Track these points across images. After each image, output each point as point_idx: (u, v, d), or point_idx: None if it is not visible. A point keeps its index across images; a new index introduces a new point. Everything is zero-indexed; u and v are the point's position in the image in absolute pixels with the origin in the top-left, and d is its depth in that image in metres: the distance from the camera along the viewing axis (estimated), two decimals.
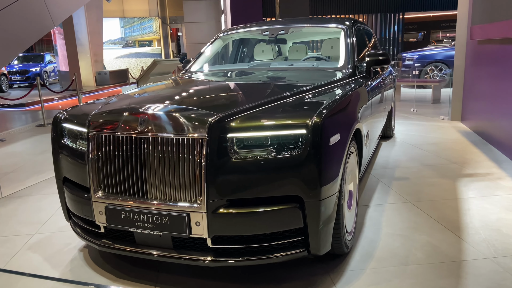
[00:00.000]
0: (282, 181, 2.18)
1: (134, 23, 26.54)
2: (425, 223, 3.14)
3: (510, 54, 4.82)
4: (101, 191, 2.42)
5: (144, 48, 26.79)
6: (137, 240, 2.43)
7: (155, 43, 26.88)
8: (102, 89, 18.11)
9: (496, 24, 4.99)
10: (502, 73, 5.08)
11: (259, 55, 4.24)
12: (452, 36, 21.78)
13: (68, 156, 2.66)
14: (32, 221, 3.50)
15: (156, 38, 26.74)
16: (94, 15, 19.58)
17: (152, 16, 26.45)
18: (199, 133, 2.18)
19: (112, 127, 2.35)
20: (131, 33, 26.64)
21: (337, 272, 2.52)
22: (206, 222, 2.21)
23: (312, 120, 2.17)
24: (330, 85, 2.94)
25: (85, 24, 18.98)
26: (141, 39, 26.77)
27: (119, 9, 25.77)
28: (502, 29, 4.77)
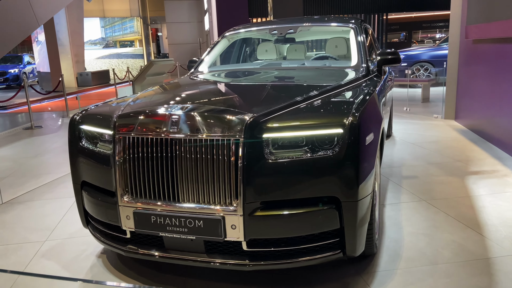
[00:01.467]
0: (318, 181, 2.14)
1: (115, 23, 26.15)
2: (445, 221, 3.15)
3: (510, 52, 4.90)
4: (128, 195, 2.33)
5: (125, 49, 26.42)
6: (166, 245, 2.35)
7: (137, 43, 26.53)
8: (85, 90, 17.74)
9: (495, 24, 5.07)
10: (500, 72, 5.16)
11: (267, 55, 4.19)
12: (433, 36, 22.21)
13: (88, 160, 2.56)
14: (40, 228, 3.37)
15: (138, 39, 26.40)
16: (75, 15, 19.18)
17: (133, 16, 26.11)
18: (235, 134, 2.11)
19: (141, 129, 2.27)
20: (112, 33, 26.24)
21: (369, 273, 2.49)
22: (243, 225, 2.15)
23: (349, 119, 2.14)
24: (351, 84, 2.91)
25: (66, 24, 18.57)
26: (122, 40, 26.40)
27: (99, 9, 25.34)
28: (502, 28, 4.85)
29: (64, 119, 9.45)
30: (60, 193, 4.19)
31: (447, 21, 21.77)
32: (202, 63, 4.10)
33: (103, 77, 20.75)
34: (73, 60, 19.37)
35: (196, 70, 3.99)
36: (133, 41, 26.43)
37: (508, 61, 4.93)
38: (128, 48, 26.47)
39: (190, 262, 2.28)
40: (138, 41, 26.44)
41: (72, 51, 19.19)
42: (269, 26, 4.19)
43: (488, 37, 5.36)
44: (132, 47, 26.46)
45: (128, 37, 26.48)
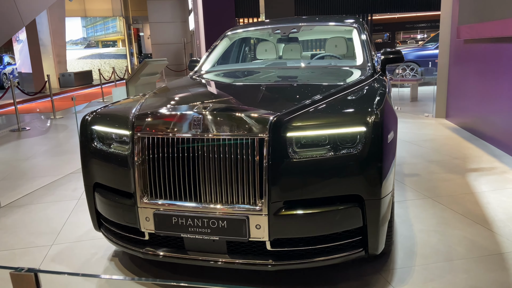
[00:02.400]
0: (342, 180, 2.14)
1: (97, 22, 25.74)
2: (453, 218, 3.20)
3: (502, 52, 5.01)
4: (147, 196, 2.29)
5: (108, 49, 26.03)
6: (186, 246, 2.32)
7: (119, 43, 26.18)
8: (68, 91, 17.42)
9: (489, 24, 5.18)
10: (493, 71, 5.27)
11: (270, 54, 4.17)
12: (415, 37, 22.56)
13: (102, 161, 2.51)
14: (44, 232, 3.28)
15: (121, 38, 26.05)
16: (57, 14, 18.82)
17: (115, 15, 25.75)
18: (259, 133, 2.10)
19: (162, 128, 2.23)
20: (93, 33, 25.82)
21: (387, 271, 2.50)
22: (267, 224, 2.13)
23: (373, 117, 2.14)
24: (363, 83, 2.92)
25: (47, 23, 18.21)
26: (105, 39, 26.01)
27: (81, 8, 24.92)
28: (496, 28, 4.95)
29: (51, 120, 9.26)
30: (60, 196, 4.09)
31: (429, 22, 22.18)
32: (205, 62, 4.06)
33: (86, 77, 20.42)
34: (55, 61, 19.01)
35: (199, 70, 3.96)
36: (115, 41, 26.06)
37: (502, 61, 5.04)
38: (111, 48, 26.09)
39: (212, 263, 2.25)
40: (120, 41, 26.09)
41: (54, 51, 18.83)
42: (271, 26, 4.18)
43: (481, 37, 5.46)
44: (114, 47, 26.09)
45: (111, 37, 26.11)
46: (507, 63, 4.91)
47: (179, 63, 25.74)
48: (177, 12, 27.33)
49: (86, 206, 3.74)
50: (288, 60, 3.95)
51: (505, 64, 4.95)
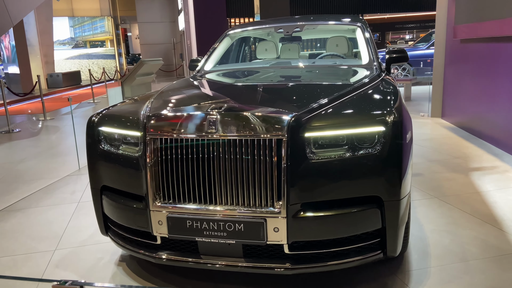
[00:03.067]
0: (361, 181, 2.10)
1: (85, 22, 25.42)
2: (462, 217, 3.18)
3: (501, 51, 5.03)
4: (160, 199, 2.22)
5: (96, 49, 25.73)
6: (201, 250, 2.25)
7: (108, 43, 25.88)
8: (57, 92, 17.16)
9: (486, 23, 5.20)
10: (492, 70, 5.30)
11: (273, 54, 4.12)
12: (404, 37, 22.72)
13: (110, 163, 2.43)
14: (45, 236, 3.18)
15: (109, 39, 25.76)
16: (44, 14, 18.53)
17: (103, 15, 25.46)
18: (277, 133, 2.05)
19: (175, 129, 2.16)
20: (81, 33, 25.50)
21: (403, 273, 2.47)
22: (286, 227, 2.08)
23: (392, 117, 2.11)
24: (374, 83, 2.87)
25: (35, 23, 17.91)
26: (93, 40, 25.70)
27: (68, 8, 24.57)
28: (494, 28, 4.97)
29: (42, 122, 9.08)
30: (58, 199, 3.99)
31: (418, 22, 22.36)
32: (207, 62, 3.99)
33: (74, 78, 20.15)
34: (43, 61, 18.70)
35: (201, 70, 3.88)
36: (103, 41, 25.76)
37: (500, 60, 5.06)
38: (99, 49, 25.79)
39: (229, 267, 2.19)
40: (109, 41, 25.80)
41: (41, 51, 18.53)
42: (273, 25, 4.13)
43: (479, 37, 5.48)
44: (103, 47, 25.79)
45: (99, 37, 25.80)
46: (506, 62, 4.93)
47: (169, 64, 25.53)
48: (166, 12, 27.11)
49: (86, 210, 3.67)
50: (292, 59, 3.91)
51: (504, 63, 4.98)
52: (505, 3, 4.76)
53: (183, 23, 20.19)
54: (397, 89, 2.77)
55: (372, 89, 2.67)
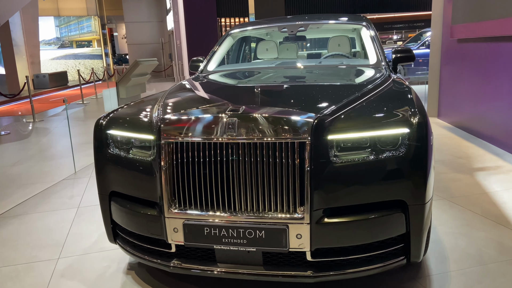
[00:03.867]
0: (386, 185, 2.03)
1: (71, 22, 25.04)
2: (474, 219, 3.14)
3: (501, 50, 5.03)
4: (176, 205, 2.12)
5: (82, 49, 25.36)
6: (218, 258, 2.16)
7: (95, 43, 25.53)
8: (43, 93, 16.83)
9: (486, 23, 5.20)
10: (491, 69, 5.30)
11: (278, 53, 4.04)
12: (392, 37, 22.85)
13: (120, 168, 2.32)
14: (47, 244, 3.05)
15: (96, 38, 25.41)
16: (30, 14, 18.18)
17: (90, 15, 25.10)
18: (300, 136, 1.96)
19: (192, 133, 2.06)
20: (67, 33, 25.11)
21: (424, 278, 2.41)
22: (309, 233, 2.00)
23: (416, 118, 2.05)
24: (387, 82, 2.81)
25: (20, 23, 17.55)
26: (79, 39, 25.33)
27: (54, 7, 24.18)
28: (495, 28, 4.97)
29: (32, 124, 8.86)
30: (56, 204, 3.85)
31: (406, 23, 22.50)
32: (210, 62, 3.89)
33: (61, 79, 19.82)
34: (29, 61, 18.35)
35: (205, 70, 3.78)
36: (90, 41, 25.40)
37: (501, 59, 5.06)
38: (86, 49, 25.42)
39: (249, 276, 2.10)
40: (96, 41, 25.44)
41: (27, 52, 18.18)
42: (276, 24, 4.05)
43: (478, 36, 5.48)
44: (89, 47, 25.42)
45: (85, 36, 25.44)
46: (507, 62, 4.93)
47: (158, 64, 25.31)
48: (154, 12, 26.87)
49: (87, 215, 3.54)
50: (297, 59, 3.83)
51: (505, 62, 4.98)
52: (505, 3, 4.76)
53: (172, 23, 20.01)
54: (412, 90, 2.71)
55: (388, 90, 2.60)
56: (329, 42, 4.01)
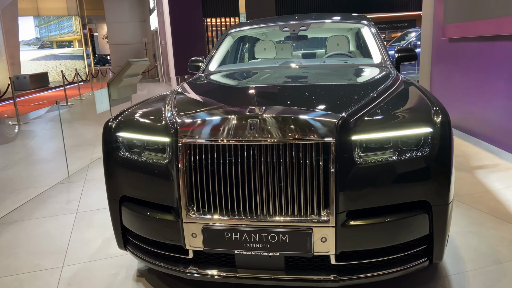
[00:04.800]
0: (411, 185, 2.01)
1: (51, 22, 24.56)
2: (481, 217, 3.15)
3: (495, 49, 5.09)
4: (194, 210, 2.05)
5: (63, 49, 24.90)
6: (238, 264, 2.09)
7: (76, 43, 25.07)
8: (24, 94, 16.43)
9: (479, 22, 5.25)
10: (484, 68, 5.35)
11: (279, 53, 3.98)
12: None
13: (133, 171, 2.23)
14: (48, 251, 2.93)
15: (77, 39, 24.96)
16: (9, 14, 17.72)
17: (71, 14, 24.64)
18: (325, 137, 1.91)
19: (211, 134, 1.99)
20: (47, 33, 24.62)
21: (442, 278, 2.39)
22: (334, 236, 1.95)
23: (440, 117, 2.02)
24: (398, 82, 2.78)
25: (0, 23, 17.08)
26: (60, 40, 24.84)
27: (33, 7, 23.65)
28: (489, 27, 5.02)
29: (17, 126, 8.61)
30: (53, 210, 3.72)
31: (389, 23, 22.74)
32: (211, 62, 3.81)
33: (42, 80, 19.39)
34: (9, 62, 17.87)
35: (206, 70, 3.70)
36: (71, 41, 24.93)
37: (494, 58, 5.12)
38: (66, 49, 24.96)
39: (271, 281, 2.04)
40: (77, 41, 24.98)
41: (7, 52, 17.70)
42: (278, 23, 3.99)
43: (471, 36, 5.54)
44: (70, 47, 24.95)
45: (66, 37, 24.98)
46: (500, 61, 4.99)
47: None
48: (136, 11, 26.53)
49: (87, 220, 3.43)
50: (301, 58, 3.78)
51: (499, 61, 5.03)
52: (500, 2, 4.82)
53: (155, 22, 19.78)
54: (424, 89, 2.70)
55: (404, 90, 2.58)
56: (329, 41, 3.97)
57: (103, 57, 43.27)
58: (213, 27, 17.29)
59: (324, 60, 3.61)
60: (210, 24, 16.82)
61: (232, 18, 15.41)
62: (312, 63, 3.53)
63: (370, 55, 3.59)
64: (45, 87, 19.31)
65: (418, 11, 21.40)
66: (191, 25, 14.51)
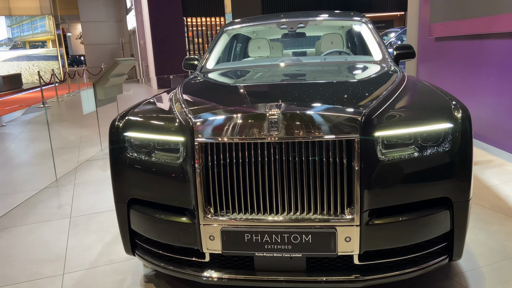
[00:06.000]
0: (433, 182, 1.98)
1: (23, 22, 23.84)
2: (485, 213, 3.17)
3: (484, 47, 5.17)
4: (212, 211, 1.97)
5: (36, 50, 24.19)
6: (257, 266, 2.03)
7: (49, 44, 24.40)
8: None
9: (468, 21, 5.32)
10: (472, 66, 5.43)
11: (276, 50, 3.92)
12: None
13: (143, 173, 2.14)
14: (46, 258, 2.79)
15: (51, 39, 24.30)
16: None
17: (44, 14, 23.97)
18: (349, 134, 1.87)
19: (230, 132, 1.92)
20: (19, 33, 23.90)
21: (457, 275, 2.38)
22: (359, 236, 1.91)
23: (460, 112, 2.00)
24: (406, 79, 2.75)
25: None
26: (33, 40, 24.14)
27: (5, 6, 22.91)
28: (478, 25, 5.09)
29: None
30: (45, 215, 3.56)
31: None
32: (208, 60, 3.72)
33: (15, 81, 18.82)
34: None
35: (203, 68, 3.61)
36: (45, 42, 24.26)
37: (483, 56, 5.20)
38: (40, 49, 24.26)
39: (293, 283, 1.98)
40: (50, 41, 24.33)
41: None
42: (275, 21, 3.93)
43: (459, 34, 5.61)
44: (44, 48, 24.27)
45: (39, 37, 24.29)
46: (488, 58, 5.07)
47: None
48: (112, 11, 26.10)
49: (83, 225, 3.29)
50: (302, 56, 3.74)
51: (485, 59, 5.12)
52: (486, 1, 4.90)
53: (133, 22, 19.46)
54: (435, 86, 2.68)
55: (418, 86, 2.57)
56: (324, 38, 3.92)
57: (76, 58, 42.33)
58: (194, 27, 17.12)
59: (325, 58, 3.57)
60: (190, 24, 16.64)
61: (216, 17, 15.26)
62: (314, 61, 3.48)
63: (370, 53, 3.57)
64: (18, 88, 18.73)
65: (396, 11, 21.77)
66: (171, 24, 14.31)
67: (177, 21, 14.55)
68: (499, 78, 4.93)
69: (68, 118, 9.45)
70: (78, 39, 42.52)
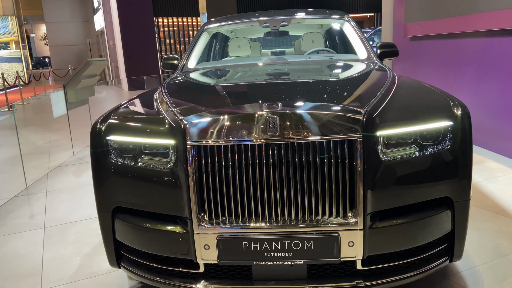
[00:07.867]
0: (435, 181, 1.92)
1: None
2: (472, 211, 3.13)
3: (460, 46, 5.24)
4: (207, 219, 1.85)
5: None
6: (255, 276, 1.91)
7: (12, 45, 23.45)
8: None
9: (443, 20, 5.38)
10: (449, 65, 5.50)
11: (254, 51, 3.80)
12: None
13: (129, 179, 1.99)
14: (22, 273, 2.59)
15: (14, 40, 23.35)
16: None
17: (6, 14, 23.02)
18: (351, 133, 1.78)
19: (226, 134, 1.80)
20: None
21: (454, 275, 2.34)
22: (362, 240, 1.83)
23: (460, 110, 1.96)
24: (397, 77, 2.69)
25: None
26: None
27: None
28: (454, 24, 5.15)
29: None
30: (16, 226, 3.32)
31: None
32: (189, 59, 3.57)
33: None
34: None
35: (185, 68, 3.46)
36: (8, 43, 23.30)
37: (460, 55, 5.26)
38: (2, 51, 23.25)
39: None
40: (14, 43, 23.38)
41: None
42: (257, 19, 3.82)
43: (435, 34, 5.67)
44: (7, 49, 23.30)
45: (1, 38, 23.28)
46: (464, 57, 5.13)
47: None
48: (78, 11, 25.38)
49: (58, 236, 3.09)
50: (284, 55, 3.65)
51: (461, 58, 5.18)
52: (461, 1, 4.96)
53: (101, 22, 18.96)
54: None
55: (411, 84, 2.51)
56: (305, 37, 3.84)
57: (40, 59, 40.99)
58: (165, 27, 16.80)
59: (310, 56, 3.49)
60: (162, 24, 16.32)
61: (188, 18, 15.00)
62: (299, 59, 3.39)
63: (355, 51, 3.52)
64: None
65: (366, 13, 22.09)
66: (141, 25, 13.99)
67: (148, 21, 14.25)
68: (474, 77, 5.00)
69: (36, 122, 9.05)
70: (43, 40, 41.21)
